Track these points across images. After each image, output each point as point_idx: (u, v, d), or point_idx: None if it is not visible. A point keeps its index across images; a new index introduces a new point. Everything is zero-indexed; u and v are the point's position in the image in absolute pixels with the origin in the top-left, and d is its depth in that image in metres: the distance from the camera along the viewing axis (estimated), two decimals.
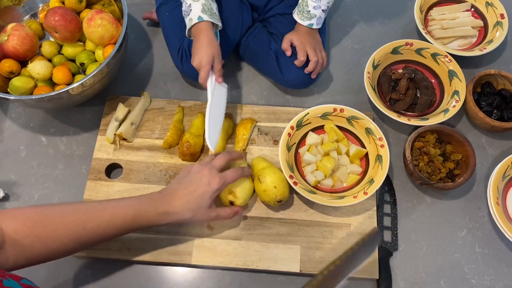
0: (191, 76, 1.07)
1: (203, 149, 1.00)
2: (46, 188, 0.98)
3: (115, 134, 1.00)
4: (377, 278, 0.87)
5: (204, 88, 0.93)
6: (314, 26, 0.99)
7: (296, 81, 1.05)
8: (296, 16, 1.00)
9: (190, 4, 0.92)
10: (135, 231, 0.77)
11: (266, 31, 1.08)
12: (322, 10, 0.97)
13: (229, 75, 1.13)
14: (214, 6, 0.95)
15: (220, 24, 0.94)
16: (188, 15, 0.92)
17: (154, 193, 0.80)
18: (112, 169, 0.99)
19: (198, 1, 0.92)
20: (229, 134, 1.01)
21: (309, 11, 0.97)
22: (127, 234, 0.88)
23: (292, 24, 1.02)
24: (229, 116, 1.03)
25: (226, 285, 0.88)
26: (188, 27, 0.93)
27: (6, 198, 0.96)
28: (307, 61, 0.99)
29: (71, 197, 0.97)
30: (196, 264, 0.88)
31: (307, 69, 1.00)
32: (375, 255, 0.88)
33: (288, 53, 1.00)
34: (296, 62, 0.99)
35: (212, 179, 0.79)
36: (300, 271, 0.87)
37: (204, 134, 0.91)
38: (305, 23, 0.98)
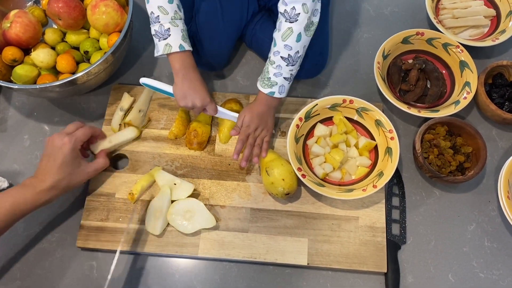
0: (199, 64, 1.05)
1: (211, 138, 0.98)
2: None
3: (120, 124, 0.99)
4: (385, 271, 0.86)
5: (210, 74, 0.91)
6: (276, 95, 0.90)
7: (303, 71, 1.03)
8: (258, 83, 0.92)
9: (168, 28, 0.87)
10: (21, 218, 0.79)
11: (273, 20, 1.06)
12: (284, 78, 0.89)
13: (236, 64, 1.11)
14: (185, 28, 0.91)
15: (191, 49, 0.91)
16: (165, 39, 0.87)
17: (27, 179, 0.82)
18: (118, 160, 0.98)
19: (177, 27, 0.87)
20: None
21: (270, 78, 0.89)
22: (133, 226, 0.88)
23: None
24: (239, 102, 1.01)
25: (233, 277, 0.88)
26: (162, 52, 0.88)
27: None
28: None
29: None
30: (202, 256, 0.87)
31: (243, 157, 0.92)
32: (383, 248, 0.87)
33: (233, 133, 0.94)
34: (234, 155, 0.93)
35: (61, 142, 0.82)
36: (308, 264, 0.86)
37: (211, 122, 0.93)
38: (266, 90, 0.90)
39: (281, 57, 0.87)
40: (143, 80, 0.94)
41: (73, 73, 0.99)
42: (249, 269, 0.88)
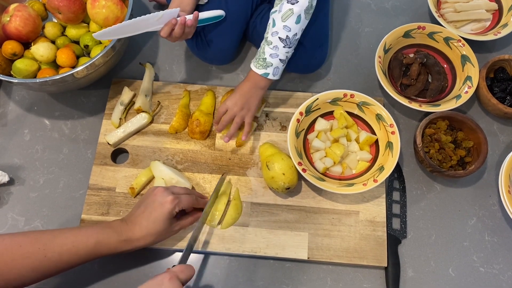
0: (207, 60, 1.05)
1: (212, 130, 0.99)
2: (51, 173, 0.97)
3: (120, 118, 0.99)
4: (386, 266, 0.86)
5: (211, 67, 0.91)
6: (270, 77, 0.89)
7: (302, 66, 1.03)
8: (252, 63, 0.91)
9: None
10: (98, 259, 0.76)
11: None
12: (280, 59, 0.89)
13: (237, 58, 1.11)
14: None
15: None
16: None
17: (117, 221, 0.79)
18: (118, 154, 0.98)
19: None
20: None
21: (265, 58, 0.88)
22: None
23: None
24: None
25: (234, 271, 0.88)
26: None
27: (11, 182, 0.96)
28: None
29: (77, 182, 0.96)
30: (203, 250, 0.87)
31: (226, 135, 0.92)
32: (383, 242, 0.87)
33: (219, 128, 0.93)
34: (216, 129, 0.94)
35: (165, 199, 0.78)
36: (308, 258, 0.86)
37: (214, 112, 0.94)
38: (260, 71, 0.89)
39: (279, 37, 0.87)
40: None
41: (73, 67, 0.98)
42: (250, 263, 0.88)
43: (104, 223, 0.78)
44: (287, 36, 0.87)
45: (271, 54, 0.88)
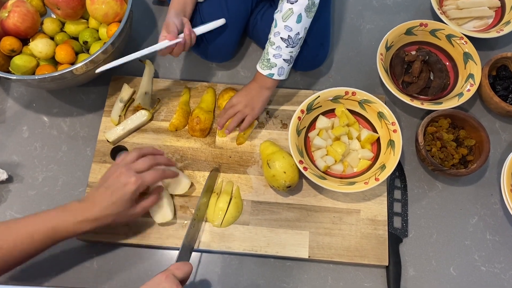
0: (206, 57, 1.04)
1: (212, 128, 0.98)
2: (50, 170, 0.96)
3: (120, 115, 0.98)
4: (387, 264, 0.86)
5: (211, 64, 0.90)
6: (275, 77, 0.89)
7: (303, 64, 1.02)
8: (258, 65, 0.91)
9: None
10: (57, 243, 0.74)
11: (273, 10, 1.04)
12: (284, 59, 0.88)
13: (237, 55, 1.10)
14: None
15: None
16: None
17: (74, 202, 0.76)
18: (118, 151, 0.97)
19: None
20: None
21: (269, 59, 0.88)
22: (135, 218, 0.87)
23: None
24: (237, 90, 1.01)
25: (234, 270, 0.87)
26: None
27: (9, 180, 0.95)
28: None
29: (76, 179, 0.95)
30: (203, 248, 0.87)
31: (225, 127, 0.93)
32: (385, 241, 0.87)
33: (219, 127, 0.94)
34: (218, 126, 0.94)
35: (128, 180, 0.75)
36: (309, 257, 0.86)
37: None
38: (265, 72, 0.89)
39: (281, 38, 0.86)
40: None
41: (72, 64, 0.98)
42: (250, 261, 0.88)
43: (60, 207, 0.75)
44: (289, 36, 0.86)
45: (275, 54, 0.88)
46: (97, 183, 0.79)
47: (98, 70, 0.84)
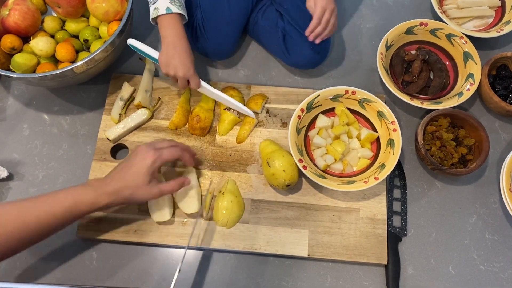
0: (206, 54, 1.04)
1: (212, 126, 0.98)
2: (51, 168, 0.97)
3: (120, 114, 0.98)
4: (386, 263, 0.86)
5: (211, 62, 0.90)
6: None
7: (304, 62, 1.02)
8: None
9: None
10: (79, 219, 0.76)
11: (275, 9, 1.04)
12: None
13: (238, 54, 1.10)
14: None
15: (186, 16, 0.90)
16: (154, 3, 0.87)
17: (95, 178, 0.79)
18: (118, 150, 0.98)
19: None
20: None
21: None
22: (133, 216, 0.87)
23: (301, 3, 0.98)
24: (238, 90, 1.01)
25: (233, 268, 0.88)
26: (152, 16, 0.88)
27: (10, 177, 0.95)
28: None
29: (76, 177, 0.95)
30: (203, 247, 0.87)
31: (311, 33, 0.90)
32: (384, 240, 0.87)
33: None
34: (307, 32, 0.90)
35: (146, 154, 0.78)
36: (308, 255, 0.86)
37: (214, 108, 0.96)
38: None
39: None
40: (130, 41, 0.92)
41: (73, 62, 0.98)
42: (250, 260, 0.88)
43: (82, 184, 0.77)
44: None
45: None
46: (119, 162, 0.81)
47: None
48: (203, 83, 0.94)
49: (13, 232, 0.69)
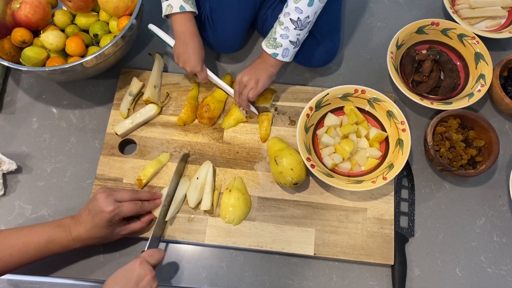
0: (214, 47, 1.04)
1: (221, 115, 0.99)
2: (59, 162, 0.97)
3: (128, 109, 0.98)
4: (392, 264, 0.86)
5: (222, 57, 0.90)
6: (279, 57, 0.89)
7: (313, 60, 1.02)
8: (263, 42, 0.91)
9: None
10: (52, 256, 0.78)
11: (283, 6, 1.04)
12: (290, 41, 0.88)
13: (247, 50, 1.10)
14: None
15: (197, 12, 0.92)
16: (167, 0, 0.90)
17: (67, 218, 0.80)
18: (126, 145, 0.98)
19: None
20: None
21: (276, 38, 0.88)
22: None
23: None
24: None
25: (239, 265, 0.88)
26: (165, 13, 0.90)
27: (18, 170, 0.96)
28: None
29: (84, 171, 0.96)
30: (209, 243, 0.87)
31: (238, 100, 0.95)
32: (391, 240, 0.87)
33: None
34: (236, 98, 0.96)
35: (104, 208, 0.77)
36: (314, 254, 0.86)
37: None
38: (269, 51, 0.89)
39: (290, 19, 0.86)
40: (151, 26, 0.97)
41: (82, 56, 0.98)
42: (255, 257, 0.88)
43: (55, 222, 0.80)
44: (298, 18, 0.86)
45: (282, 34, 0.88)
46: (86, 202, 0.81)
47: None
48: (211, 74, 0.97)
49: None
